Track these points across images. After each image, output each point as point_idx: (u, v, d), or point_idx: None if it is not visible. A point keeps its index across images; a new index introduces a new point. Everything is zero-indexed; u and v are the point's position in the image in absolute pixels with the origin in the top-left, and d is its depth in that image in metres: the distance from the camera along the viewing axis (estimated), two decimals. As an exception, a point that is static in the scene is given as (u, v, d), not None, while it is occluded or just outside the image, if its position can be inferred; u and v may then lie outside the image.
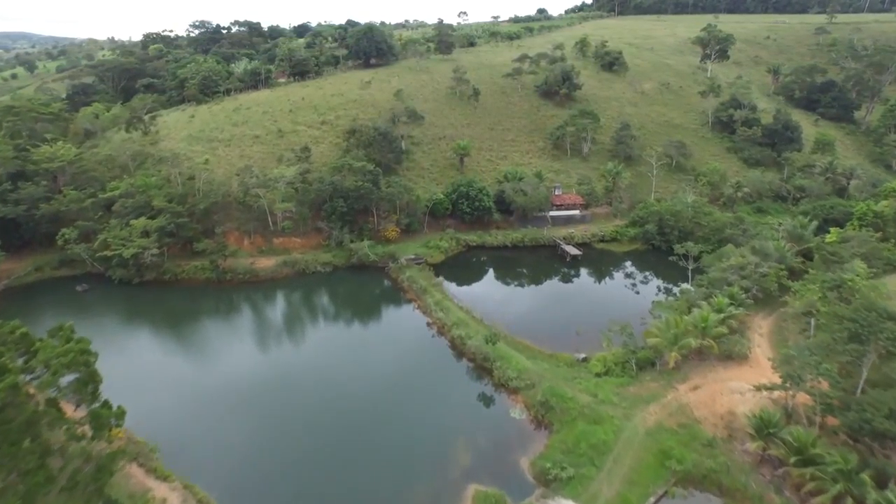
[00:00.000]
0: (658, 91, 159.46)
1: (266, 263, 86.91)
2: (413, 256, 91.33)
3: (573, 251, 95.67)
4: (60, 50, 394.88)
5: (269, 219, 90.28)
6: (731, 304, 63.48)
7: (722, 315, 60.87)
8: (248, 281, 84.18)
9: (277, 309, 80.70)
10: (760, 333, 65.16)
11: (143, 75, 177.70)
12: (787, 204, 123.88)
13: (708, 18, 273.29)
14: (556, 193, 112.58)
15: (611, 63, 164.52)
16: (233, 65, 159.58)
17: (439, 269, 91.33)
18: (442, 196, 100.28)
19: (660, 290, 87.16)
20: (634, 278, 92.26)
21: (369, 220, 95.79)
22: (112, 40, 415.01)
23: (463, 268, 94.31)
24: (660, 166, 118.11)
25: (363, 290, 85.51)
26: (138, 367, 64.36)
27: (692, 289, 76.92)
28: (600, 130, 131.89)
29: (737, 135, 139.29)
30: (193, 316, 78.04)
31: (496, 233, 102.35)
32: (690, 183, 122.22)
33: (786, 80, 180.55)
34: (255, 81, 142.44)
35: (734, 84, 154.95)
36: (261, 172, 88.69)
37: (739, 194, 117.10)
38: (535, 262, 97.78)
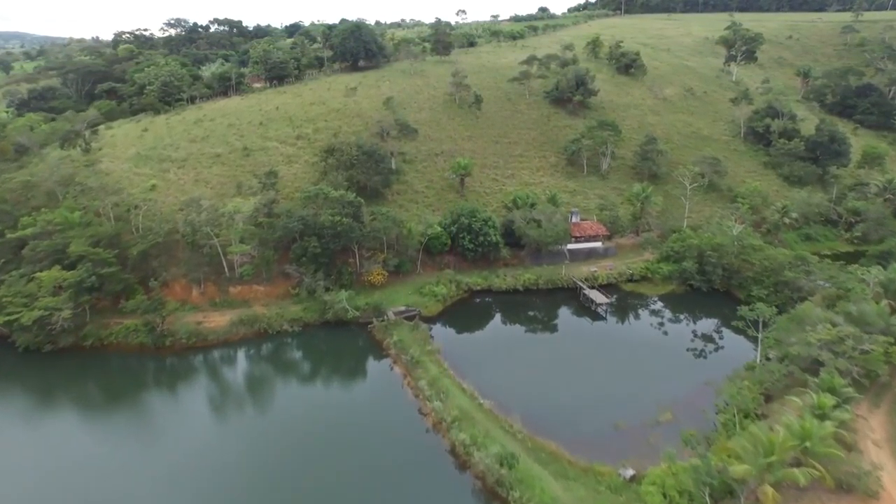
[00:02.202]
0: (681, 97, 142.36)
1: (218, 321, 69.13)
2: (403, 308, 73.85)
3: (600, 299, 78.25)
4: (40, 50, 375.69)
5: (224, 263, 72.49)
6: (836, 403, 46.16)
7: (829, 424, 43.55)
8: (193, 346, 66.33)
9: (226, 387, 62.95)
10: (876, 441, 47.83)
11: (111, 78, 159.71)
12: (837, 229, 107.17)
13: (722, 17, 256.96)
14: (574, 221, 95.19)
15: (627, 65, 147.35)
16: (203, 68, 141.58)
17: (436, 323, 74.15)
18: (439, 229, 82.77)
19: (708, 348, 69.91)
20: (676, 333, 74.88)
21: (349, 262, 78.20)
22: (97, 40, 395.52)
23: (465, 321, 76.87)
24: (693, 188, 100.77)
25: (339, 359, 67.77)
26: (35, 470, 47.09)
27: (761, 362, 59.77)
28: (620, 144, 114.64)
29: (774, 147, 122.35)
30: (117, 396, 60.33)
31: (505, 273, 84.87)
32: (730, 208, 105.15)
33: (817, 83, 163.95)
34: (225, 87, 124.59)
35: (769, 90, 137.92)
36: (212, 206, 70.69)
37: (786, 220, 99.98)
38: (553, 311, 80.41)
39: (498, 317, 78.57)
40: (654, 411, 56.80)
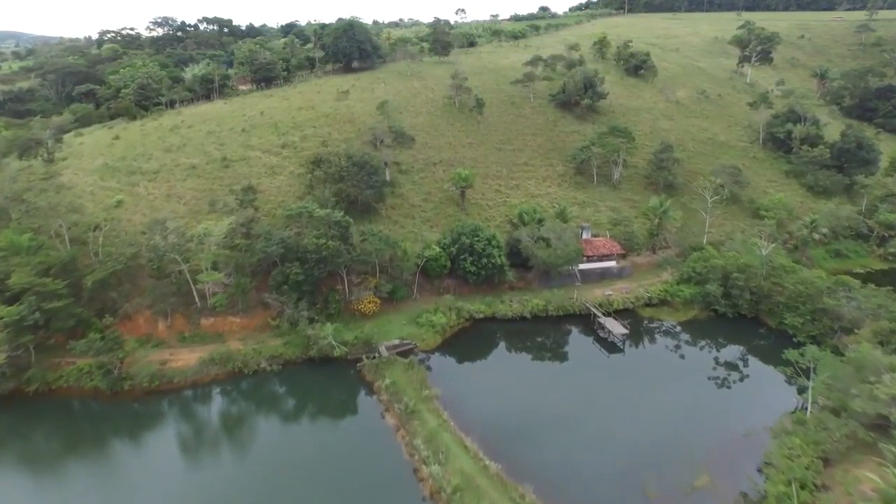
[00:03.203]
0: (695, 100, 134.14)
1: (187, 360, 60.65)
2: (397, 342, 65.55)
3: (617, 329, 69.94)
4: (30, 50, 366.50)
5: (194, 293, 63.94)
6: (921, 480, 37.91)
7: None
8: (157, 390, 57.83)
9: (191, 438, 54.54)
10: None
11: (92, 80, 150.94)
12: (869, 245, 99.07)
13: (729, 16, 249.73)
14: (585, 237, 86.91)
15: (637, 66, 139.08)
16: (187, 69, 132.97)
17: (435, 357, 65.95)
18: (437, 249, 74.40)
19: (741, 387, 61.71)
20: (703, 368, 66.59)
21: (337, 289, 69.75)
22: (89, 39, 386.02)
23: (467, 355, 68.56)
24: (714, 201, 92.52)
25: (323, 405, 59.11)
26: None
27: (812, 413, 51.58)
28: (633, 151, 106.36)
29: (796, 154, 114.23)
30: (66, 450, 51.99)
31: (510, 298, 76.52)
32: (753, 222, 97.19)
33: (834, 84, 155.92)
34: (208, 91, 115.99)
35: (789, 93, 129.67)
36: (179, 228, 62.04)
37: (816, 236, 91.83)
38: (565, 343, 72.23)
39: (504, 350, 70.23)
40: (687, 472, 48.65)
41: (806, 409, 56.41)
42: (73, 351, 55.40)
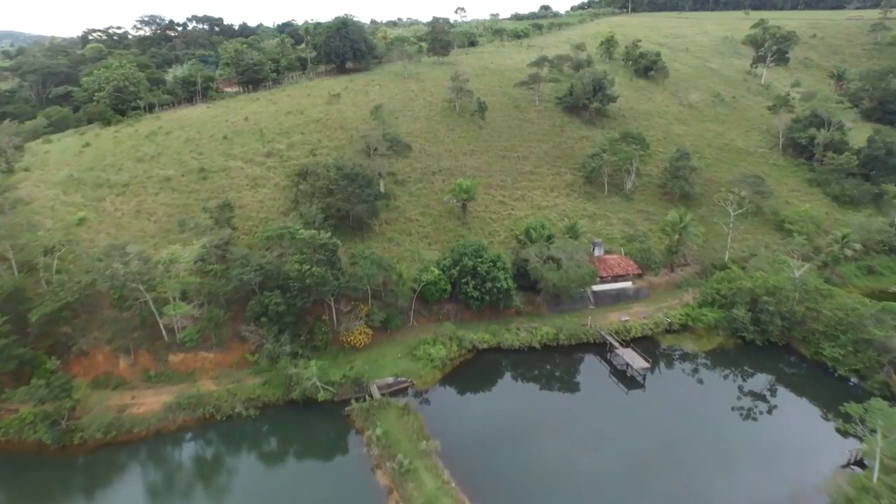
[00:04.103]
0: (709, 104, 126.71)
1: (151, 404, 53.01)
2: (391, 380, 58.11)
3: (638, 363, 62.46)
4: (19, 49, 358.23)
5: (161, 326, 56.24)
6: None
7: None
8: (114, 442, 50.16)
9: (153, 499, 46.92)
10: None
11: (73, 81, 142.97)
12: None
13: (737, 15, 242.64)
14: (598, 254, 79.56)
15: (647, 67, 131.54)
16: (170, 70, 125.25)
17: (433, 397, 58.56)
18: (436, 272, 66.82)
19: (780, 432, 54.26)
20: (733, 406, 59.29)
21: (324, 318, 62.11)
22: (79, 39, 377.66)
23: (470, 393, 61.15)
24: (738, 215, 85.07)
25: (304, 458, 51.41)
26: None
27: (877, 472, 44.09)
28: (646, 159, 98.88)
29: (818, 161, 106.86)
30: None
31: (517, 325, 68.93)
32: (778, 235, 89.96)
33: (851, 86, 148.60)
34: (191, 93, 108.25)
35: (810, 95, 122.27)
36: (142, 254, 54.21)
37: (849, 252, 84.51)
38: (579, 377, 64.98)
39: (510, 387, 62.72)
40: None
41: (859, 462, 49.28)
42: (10, 399, 47.68)
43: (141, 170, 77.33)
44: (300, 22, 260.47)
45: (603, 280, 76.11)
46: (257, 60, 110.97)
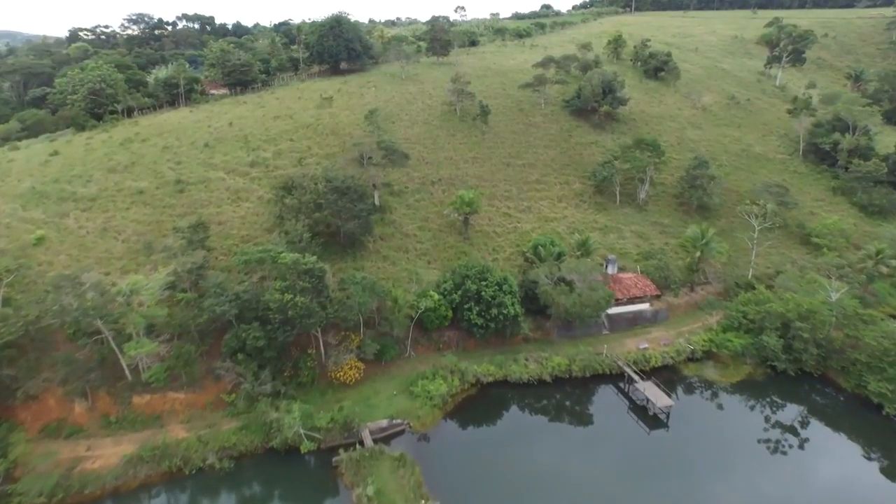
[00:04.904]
0: (723, 106, 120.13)
1: (108, 457, 46.16)
2: (385, 424, 51.42)
3: (661, 400, 55.81)
4: (10, 49, 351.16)
5: (124, 364, 49.45)
6: None
7: None
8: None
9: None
10: None
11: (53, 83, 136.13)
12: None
13: (744, 14, 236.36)
14: (611, 272, 72.93)
15: (657, 68, 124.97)
16: (154, 71, 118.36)
17: (433, 442, 51.87)
18: (436, 297, 60.04)
19: (823, 480, 47.66)
20: (769, 446, 52.93)
21: (310, 351, 55.33)
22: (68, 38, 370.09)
23: (473, 437, 54.41)
24: (764, 229, 78.46)
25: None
26: None
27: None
28: (660, 166, 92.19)
29: (843, 168, 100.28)
30: None
31: (526, 355, 62.19)
32: (804, 249, 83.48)
33: (870, 87, 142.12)
34: (173, 96, 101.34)
35: (834, 98, 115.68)
36: (99, 284, 47.39)
37: (885, 269, 77.87)
38: (594, 414, 58.21)
39: (519, 427, 55.86)
40: None
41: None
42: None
43: (112, 181, 70.42)
44: (297, 21, 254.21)
45: (618, 302, 69.39)
46: (245, 61, 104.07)
